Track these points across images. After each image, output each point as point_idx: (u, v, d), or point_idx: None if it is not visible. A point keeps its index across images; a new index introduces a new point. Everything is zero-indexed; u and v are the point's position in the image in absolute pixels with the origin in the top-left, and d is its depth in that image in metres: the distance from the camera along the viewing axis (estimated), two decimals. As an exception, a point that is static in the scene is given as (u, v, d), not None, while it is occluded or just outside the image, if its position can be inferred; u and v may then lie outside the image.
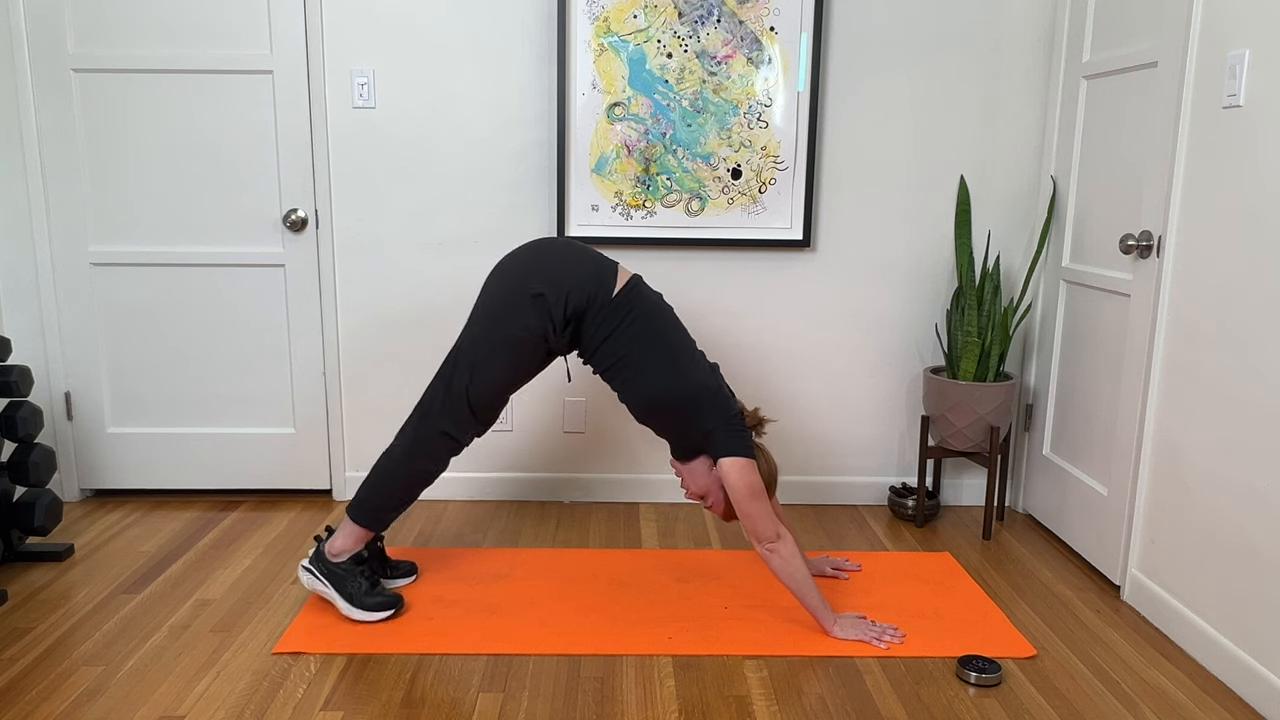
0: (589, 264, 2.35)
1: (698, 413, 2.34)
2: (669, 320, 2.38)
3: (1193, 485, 2.34)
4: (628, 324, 2.32)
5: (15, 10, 2.99)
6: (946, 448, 3.09)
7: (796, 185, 3.12)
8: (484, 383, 2.36)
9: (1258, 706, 2.09)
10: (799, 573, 2.32)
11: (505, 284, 2.35)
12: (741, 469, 2.30)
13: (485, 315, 2.36)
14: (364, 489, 2.45)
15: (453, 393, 2.37)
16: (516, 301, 2.32)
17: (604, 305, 2.32)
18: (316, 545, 2.48)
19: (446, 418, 2.38)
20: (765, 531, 2.30)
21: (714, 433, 2.34)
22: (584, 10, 3.00)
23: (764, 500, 2.31)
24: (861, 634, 2.34)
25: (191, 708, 2.03)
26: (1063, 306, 3.03)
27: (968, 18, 3.07)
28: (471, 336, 2.37)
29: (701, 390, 2.34)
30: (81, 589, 2.60)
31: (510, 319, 2.32)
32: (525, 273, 2.33)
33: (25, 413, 2.69)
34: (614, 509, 3.29)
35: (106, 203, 3.12)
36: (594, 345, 2.35)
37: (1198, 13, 2.34)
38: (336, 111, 3.09)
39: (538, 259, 2.35)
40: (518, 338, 2.33)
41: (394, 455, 2.43)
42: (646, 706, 2.06)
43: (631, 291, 2.35)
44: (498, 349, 2.34)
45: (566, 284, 2.30)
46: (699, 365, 2.38)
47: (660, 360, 2.32)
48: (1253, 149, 2.14)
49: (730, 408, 2.37)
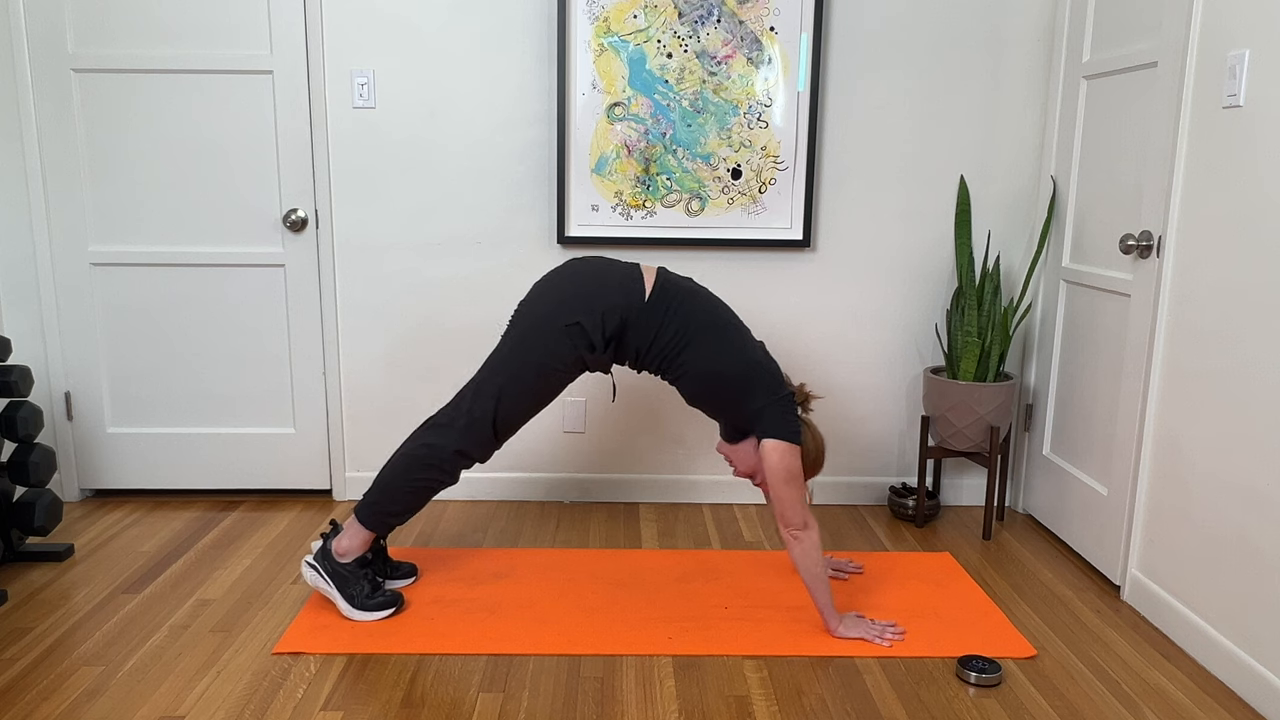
0: (614, 278, 2.35)
1: (749, 390, 2.34)
2: (706, 301, 2.40)
3: (1193, 485, 2.34)
4: (669, 320, 2.33)
5: (15, 10, 2.99)
6: (946, 448, 3.09)
7: (796, 185, 3.12)
8: (510, 409, 2.38)
9: (1258, 706, 2.09)
10: (816, 566, 2.32)
11: (537, 311, 2.37)
12: (783, 452, 2.30)
13: (516, 342, 2.37)
14: (374, 491, 2.44)
15: (476, 417, 2.38)
16: (549, 330, 2.33)
17: (640, 312, 2.33)
18: (323, 542, 2.47)
19: (467, 439, 2.39)
20: (794, 517, 2.30)
21: (763, 411, 2.33)
22: (584, 10, 3.00)
23: (799, 486, 2.31)
24: (863, 632, 2.34)
25: (191, 708, 2.03)
26: (1063, 306, 3.03)
27: (968, 18, 3.07)
28: (501, 361, 2.38)
29: (752, 366, 2.35)
30: (81, 589, 2.60)
31: (542, 347, 2.34)
32: (558, 300, 2.35)
33: (25, 413, 2.69)
34: (614, 509, 3.29)
35: (106, 203, 3.12)
36: (640, 353, 2.37)
37: (1198, 13, 2.34)
38: (336, 111, 3.09)
39: (567, 285, 2.36)
40: (550, 366, 2.35)
41: (406, 462, 2.42)
42: (646, 706, 2.06)
43: (663, 288, 2.36)
44: (528, 376, 2.36)
45: (599, 307, 2.32)
46: (748, 341, 2.39)
47: (709, 342, 2.34)
48: (1253, 149, 2.14)
49: (781, 386, 2.37)
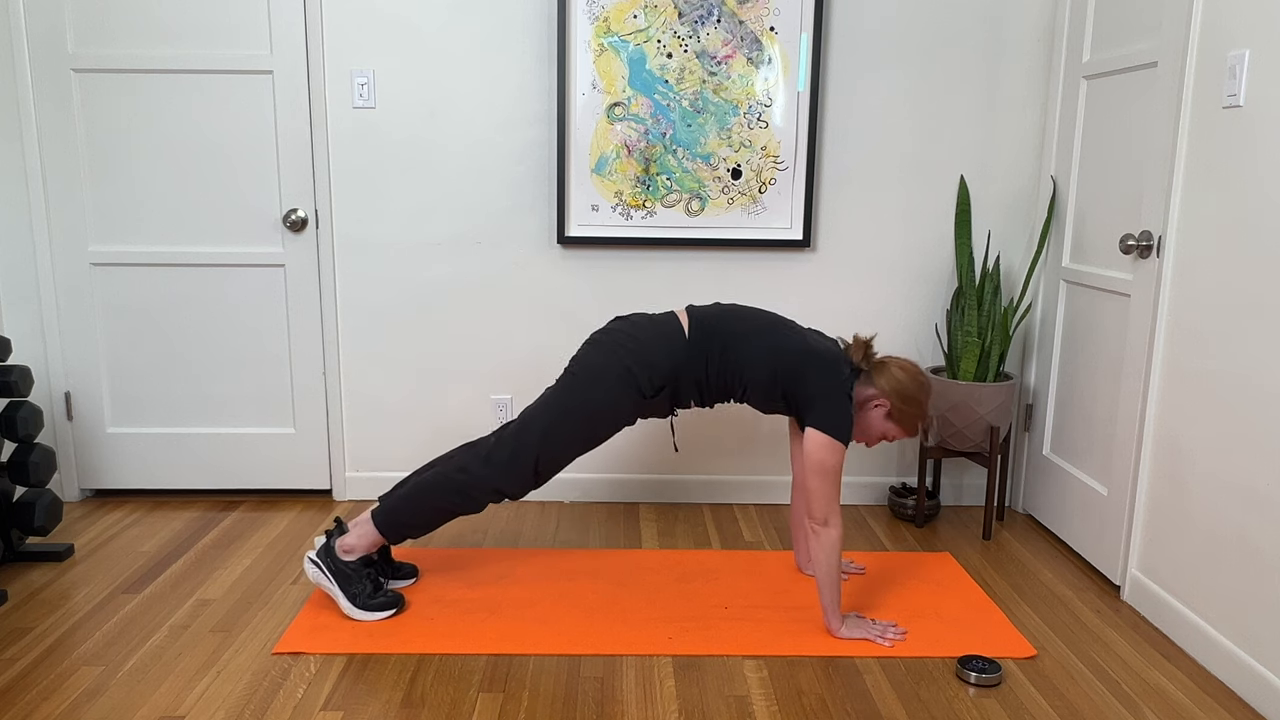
0: (656, 328, 2.39)
1: (804, 379, 2.34)
2: (740, 313, 2.43)
3: (1193, 485, 2.34)
4: (714, 345, 2.37)
5: (15, 10, 2.99)
6: (946, 448, 3.09)
7: (796, 185, 3.12)
8: (554, 449, 2.40)
9: (1258, 706, 2.09)
10: (830, 564, 2.32)
11: (590, 359, 2.40)
12: (823, 446, 2.30)
13: (567, 385, 2.40)
14: (398, 500, 2.43)
15: (519, 456, 2.38)
16: (601, 375, 2.37)
17: (686, 350, 2.36)
18: (326, 539, 2.46)
19: (507, 477, 2.40)
20: (819, 512, 2.31)
21: (814, 400, 2.33)
22: (584, 10, 3.00)
23: (831, 482, 2.31)
24: (865, 632, 2.34)
25: (191, 708, 2.03)
26: (1063, 306, 3.03)
27: (968, 18, 3.07)
28: (551, 401, 2.40)
29: (804, 355, 2.35)
30: (81, 589, 2.60)
31: (593, 390, 2.37)
32: (610, 348, 2.38)
33: (25, 413, 2.69)
34: (614, 509, 3.29)
35: (106, 203, 3.12)
36: (702, 385, 2.40)
37: (1198, 13, 2.34)
38: (336, 111, 3.09)
39: (617, 336, 2.40)
40: (600, 409, 2.38)
41: (440, 484, 2.41)
42: (646, 706, 2.06)
43: (699, 322, 2.39)
44: (576, 418, 2.38)
45: (647, 356, 2.35)
46: (793, 333, 2.40)
47: (759, 348, 2.36)
48: (1253, 149, 2.14)
49: (837, 370, 2.35)
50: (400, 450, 3.31)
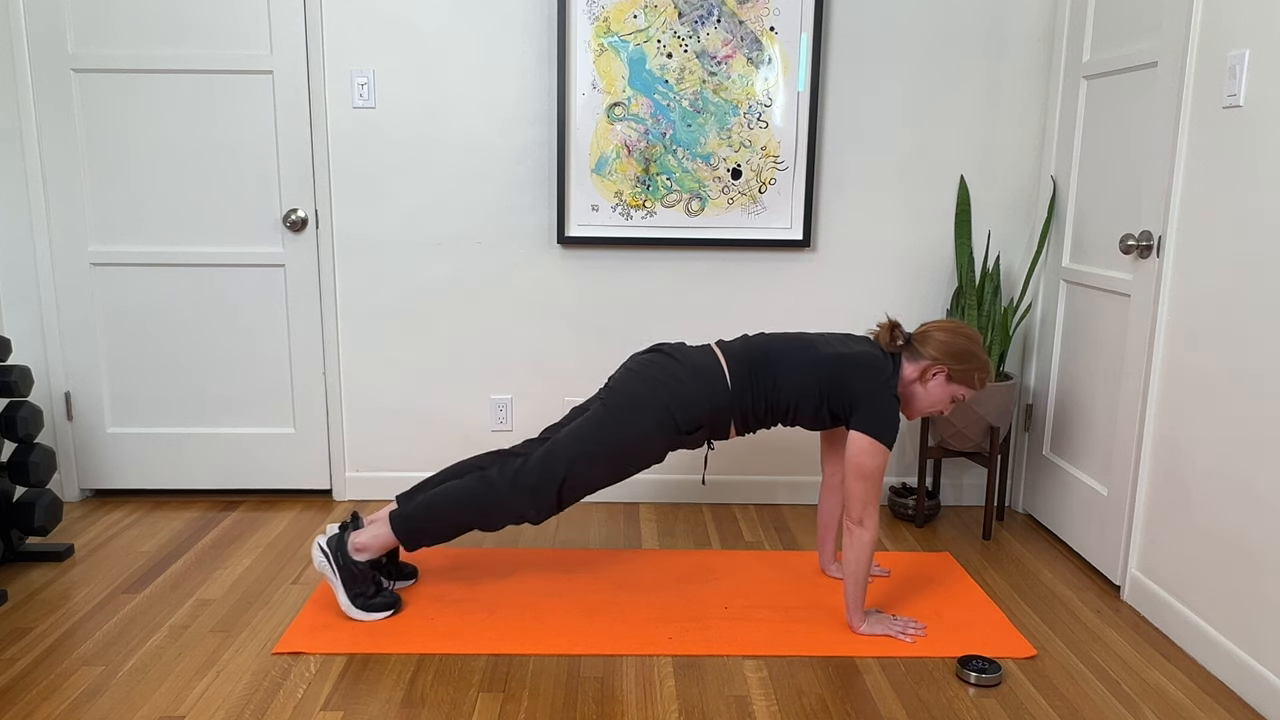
0: (703, 375, 2.36)
1: (846, 388, 2.34)
2: (769, 345, 2.41)
3: (1193, 485, 2.34)
4: (759, 390, 2.36)
5: (15, 10, 2.99)
6: (946, 448, 3.09)
7: (796, 185, 3.12)
8: (582, 481, 2.38)
9: (1258, 706, 2.09)
10: (859, 564, 2.33)
11: (629, 389, 2.37)
12: (865, 448, 2.30)
13: (603, 415, 2.37)
14: (420, 508, 2.41)
15: (545, 484, 2.36)
16: (639, 409, 2.34)
17: (728, 397, 2.34)
18: (340, 532, 2.42)
19: (532, 502, 2.38)
20: (856, 512, 2.32)
21: (859, 404, 2.33)
22: (584, 10, 3.00)
23: (873, 485, 2.31)
24: (885, 629, 2.36)
25: (191, 708, 2.03)
26: (1063, 306, 3.03)
27: (968, 18, 3.07)
28: (585, 427, 2.37)
29: (839, 365, 2.34)
30: (81, 589, 2.60)
31: (629, 423, 2.34)
32: (652, 382, 2.35)
33: (25, 413, 2.69)
34: (614, 509, 3.29)
35: (106, 203, 3.12)
36: (746, 415, 2.38)
37: (1198, 13, 2.34)
38: (336, 111, 3.09)
39: (658, 371, 2.37)
40: (634, 442, 2.36)
41: (466, 499, 2.39)
42: (646, 706, 2.06)
43: (736, 363, 2.37)
44: (607, 448, 2.36)
45: (687, 398, 2.33)
46: (825, 345, 2.39)
47: (795, 371, 2.35)
48: (1252, 149, 2.14)
49: (879, 370, 2.34)
50: (400, 450, 3.31)
